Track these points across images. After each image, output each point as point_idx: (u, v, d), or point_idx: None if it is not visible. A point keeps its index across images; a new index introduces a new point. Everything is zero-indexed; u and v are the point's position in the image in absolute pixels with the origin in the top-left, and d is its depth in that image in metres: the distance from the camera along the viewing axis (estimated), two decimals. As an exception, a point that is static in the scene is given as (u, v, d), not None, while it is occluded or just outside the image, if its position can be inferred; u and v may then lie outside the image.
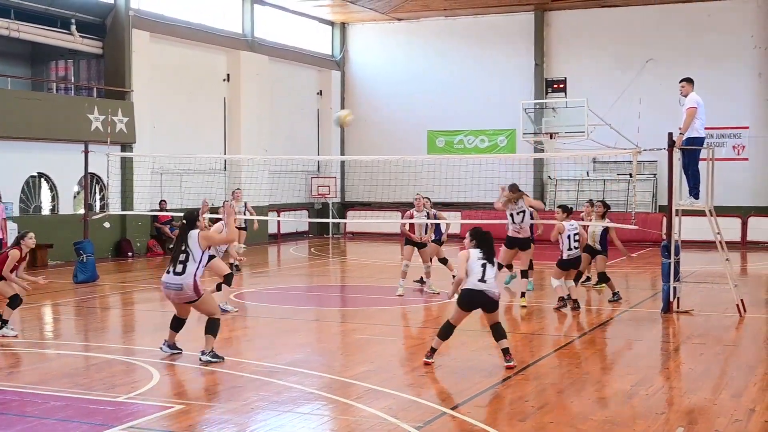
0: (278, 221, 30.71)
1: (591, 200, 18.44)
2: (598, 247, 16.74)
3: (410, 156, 26.56)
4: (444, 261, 17.72)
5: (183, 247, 10.74)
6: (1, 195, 21.27)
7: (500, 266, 14.46)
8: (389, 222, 30.78)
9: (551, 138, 29.48)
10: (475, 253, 10.59)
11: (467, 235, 10.84)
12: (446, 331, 10.66)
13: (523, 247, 16.36)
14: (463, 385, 9.79)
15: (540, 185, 32.24)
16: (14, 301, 12.70)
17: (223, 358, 10.84)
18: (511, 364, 10.41)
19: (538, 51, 32.34)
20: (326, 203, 33.66)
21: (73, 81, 26.28)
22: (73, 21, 24.39)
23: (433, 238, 17.24)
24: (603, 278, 16.58)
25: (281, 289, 18.68)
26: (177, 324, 11.18)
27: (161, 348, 11.22)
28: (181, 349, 11.24)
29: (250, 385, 9.63)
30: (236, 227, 20.99)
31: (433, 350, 10.73)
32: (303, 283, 20.35)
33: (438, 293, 16.67)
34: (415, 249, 16.97)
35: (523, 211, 16.23)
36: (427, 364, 10.62)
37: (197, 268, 10.68)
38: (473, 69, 33.25)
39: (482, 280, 10.42)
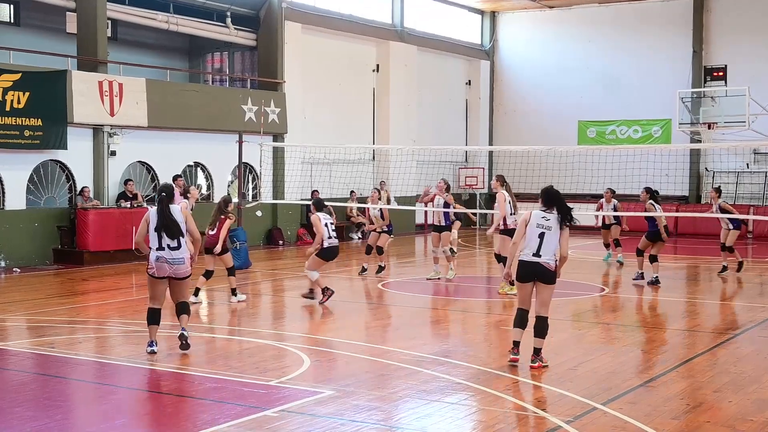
0: (425, 212, 30.76)
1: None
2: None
3: (560, 147, 26.07)
4: (452, 251, 18.41)
5: (173, 220, 10.30)
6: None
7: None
8: (538, 213, 30.40)
9: (709, 128, 28.57)
10: (536, 218, 9.99)
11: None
12: (521, 318, 10.13)
13: None
14: (614, 381, 9.57)
15: (696, 178, 31.18)
16: (210, 274, 14.67)
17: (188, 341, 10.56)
18: (535, 365, 9.90)
19: (696, 37, 31.21)
20: (473, 194, 33.54)
21: (227, 73, 27.07)
22: (228, 14, 25.13)
23: (384, 229, 18.44)
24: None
25: (427, 279, 18.71)
26: (156, 316, 10.55)
27: (150, 350, 10.45)
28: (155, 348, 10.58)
29: (397, 374, 9.70)
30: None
31: (515, 344, 10.10)
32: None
33: (439, 278, 17.67)
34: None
35: None
36: (514, 361, 10.05)
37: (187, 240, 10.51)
38: (626, 57, 32.43)
39: (537, 254, 9.90)
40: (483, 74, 34.84)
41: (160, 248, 10.31)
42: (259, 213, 23.45)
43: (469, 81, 34.70)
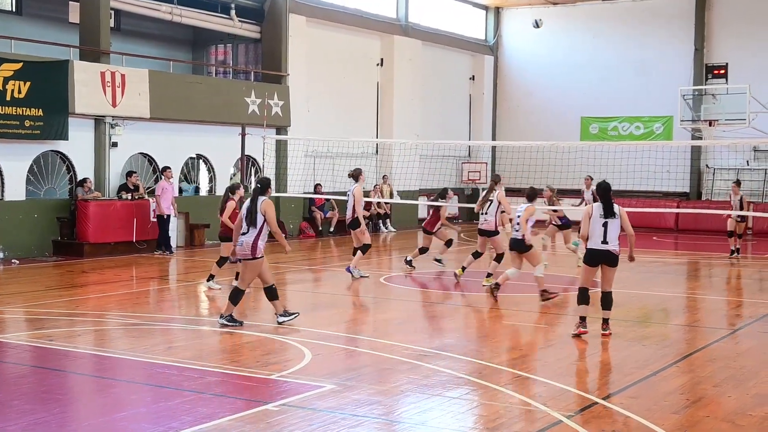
0: (428, 206, 30.76)
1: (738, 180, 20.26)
2: None
3: (563, 142, 26.06)
4: (449, 243, 18.90)
5: (254, 210, 11.53)
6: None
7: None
8: (540, 208, 30.37)
9: (710, 125, 28.62)
10: (597, 210, 11.33)
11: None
12: (583, 296, 11.40)
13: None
14: (615, 376, 9.60)
15: (697, 174, 31.21)
16: (221, 261, 15.02)
17: (242, 323, 11.67)
18: (606, 332, 11.28)
19: (698, 35, 31.20)
20: (476, 188, 33.53)
21: (231, 65, 27.06)
22: (232, 6, 25.12)
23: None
24: None
25: (431, 273, 18.73)
26: (269, 293, 11.89)
27: (278, 321, 11.89)
28: (298, 312, 12.01)
29: (399, 368, 9.71)
30: (555, 225, 21.98)
31: (582, 318, 11.36)
32: (452, 269, 20.34)
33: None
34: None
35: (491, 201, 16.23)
36: (582, 333, 11.23)
37: (260, 231, 11.49)
38: (629, 54, 32.39)
39: (605, 241, 11.23)
40: (487, 69, 34.81)
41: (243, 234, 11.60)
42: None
43: (473, 76, 34.67)
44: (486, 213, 16.18)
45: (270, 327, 11.97)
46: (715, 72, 31.12)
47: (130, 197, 20.64)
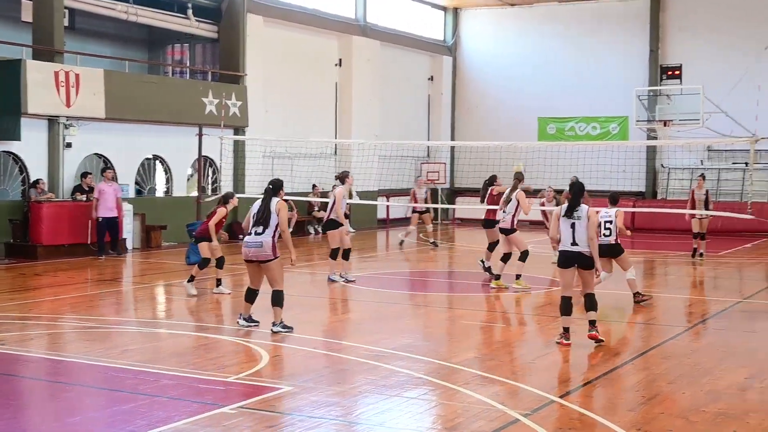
0: (387, 206, 30.81)
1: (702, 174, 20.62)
2: None
3: (520, 142, 26.25)
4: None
5: (267, 210, 11.45)
6: (118, 177, 21.89)
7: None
8: (498, 208, 30.50)
9: (665, 125, 28.97)
10: (564, 211, 11.00)
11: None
12: (565, 305, 10.98)
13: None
14: (571, 374, 9.67)
15: (652, 174, 31.57)
16: (220, 262, 14.81)
17: (293, 328, 11.46)
18: (593, 333, 10.79)
19: (652, 37, 31.54)
20: (435, 189, 33.60)
21: (188, 65, 26.85)
22: (189, 5, 24.93)
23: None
24: None
25: (389, 273, 18.74)
26: (251, 295, 11.72)
27: (238, 322, 11.71)
28: (258, 321, 11.72)
29: (357, 369, 9.69)
30: (418, 212, 22.77)
31: (565, 330, 10.92)
32: (411, 269, 20.39)
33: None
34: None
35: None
36: (566, 344, 10.78)
37: (275, 231, 11.40)
38: (586, 55, 32.66)
39: (574, 243, 10.88)
40: (445, 70, 34.91)
41: (249, 234, 11.48)
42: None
43: (432, 76, 34.74)
44: (505, 212, 15.99)
45: (227, 329, 11.90)
46: (670, 73, 31.49)
47: (84, 199, 20.39)
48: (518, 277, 15.66)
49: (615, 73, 31.84)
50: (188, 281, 14.58)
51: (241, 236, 24.79)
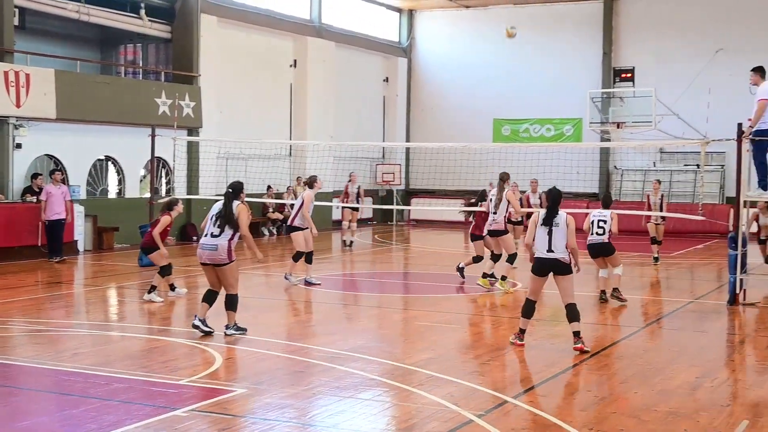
0: (342, 208, 30.74)
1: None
2: None
3: (475, 144, 26.39)
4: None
5: (224, 213, 11.27)
6: (69, 178, 21.61)
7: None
8: (453, 210, 30.63)
9: (618, 128, 29.29)
10: (541, 217, 10.79)
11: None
12: (527, 307, 10.85)
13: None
14: (525, 374, 9.71)
15: (606, 175, 31.87)
16: (165, 270, 14.13)
17: (246, 330, 11.35)
18: (578, 345, 10.51)
19: (606, 40, 31.89)
20: (390, 190, 33.64)
21: (141, 65, 26.59)
22: (142, 5, 24.66)
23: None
24: None
25: (344, 275, 18.71)
26: (210, 296, 11.48)
27: (193, 323, 11.37)
28: (212, 330, 11.33)
29: (311, 371, 9.65)
30: (350, 208, 22.83)
31: (521, 331, 10.87)
32: (366, 270, 20.38)
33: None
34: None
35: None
36: (519, 345, 10.78)
37: (233, 235, 11.22)
38: (540, 58, 32.90)
39: (550, 249, 10.61)
40: (400, 71, 34.96)
41: (205, 236, 11.37)
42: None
43: (387, 78, 34.77)
44: (496, 213, 15.86)
45: (180, 331, 11.78)
46: (623, 76, 31.87)
47: (35, 200, 20.08)
48: (504, 278, 15.62)
49: (569, 75, 32.12)
50: (149, 292, 14.24)
51: (195, 238, 24.71)
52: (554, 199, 10.81)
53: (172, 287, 14.71)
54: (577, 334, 10.63)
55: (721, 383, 9.34)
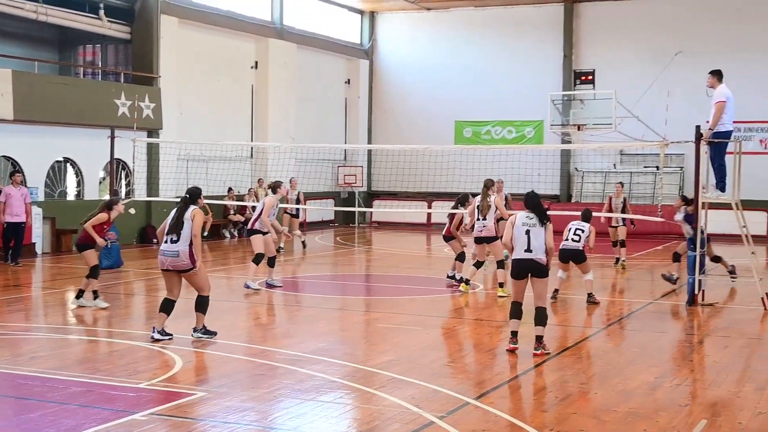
0: (304, 210, 30.69)
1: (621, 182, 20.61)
2: None
3: (437, 146, 26.44)
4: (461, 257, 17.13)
5: (180, 218, 11.13)
6: (27, 179, 21.35)
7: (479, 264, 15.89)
8: (415, 212, 30.71)
9: (579, 129, 29.45)
10: (521, 218, 10.82)
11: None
12: (514, 310, 10.84)
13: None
14: (486, 376, 9.73)
15: (566, 177, 32.09)
16: (94, 271, 13.67)
17: (215, 333, 11.20)
18: (538, 352, 10.51)
19: (566, 42, 32.12)
20: (352, 192, 33.61)
21: (100, 66, 26.34)
22: (101, 5, 24.44)
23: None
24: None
25: (306, 277, 18.66)
26: (167, 306, 11.31)
27: (152, 336, 11.12)
28: (171, 335, 11.22)
29: (272, 373, 9.60)
30: (289, 214, 22.35)
31: (514, 333, 10.78)
32: (328, 272, 20.34)
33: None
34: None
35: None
36: (512, 349, 10.67)
37: (191, 240, 11.05)
38: (502, 60, 33.07)
39: (528, 249, 10.65)
40: (362, 73, 34.95)
41: (164, 242, 11.14)
42: (132, 211, 22.72)
43: (349, 80, 34.75)
44: (485, 219, 15.62)
45: (139, 334, 11.67)
46: (583, 78, 32.12)
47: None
48: (501, 285, 15.42)
49: (530, 77, 32.30)
50: (95, 298, 13.84)
51: (155, 240, 24.53)
52: (533, 203, 10.89)
53: (96, 294, 13.93)
54: (539, 339, 10.64)
55: (680, 383, 9.42)
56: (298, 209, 23.46)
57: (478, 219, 15.59)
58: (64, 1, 23.68)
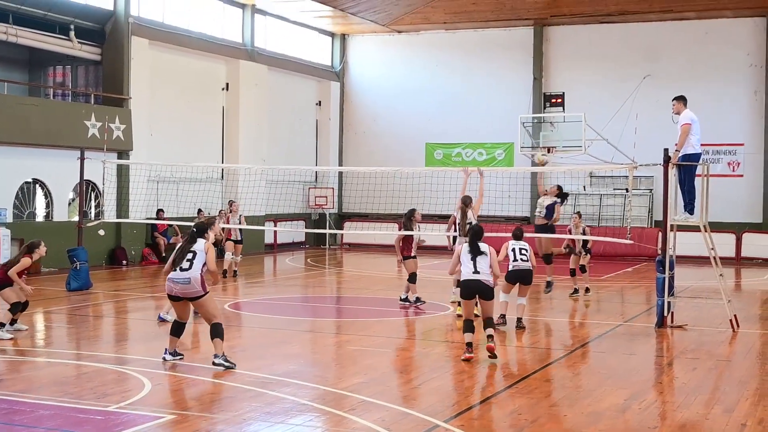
0: (275, 231, 30.65)
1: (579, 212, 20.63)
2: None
3: (407, 168, 26.55)
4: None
5: (191, 248, 11.13)
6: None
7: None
8: (386, 234, 30.68)
9: (549, 152, 29.56)
10: (465, 248, 11.87)
11: None
12: (468, 325, 11.64)
13: None
14: (456, 398, 9.74)
15: (537, 199, 32.15)
16: (15, 307, 13.20)
17: (235, 365, 10.92)
18: (491, 344, 11.50)
19: (536, 65, 32.38)
20: (323, 214, 33.60)
21: (70, 87, 26.23)
22: (71, 27, 24.35)
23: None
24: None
25: (276, 299, 18.61)
26: (177, 329, 11.35)
27: (164, 357, 11.20)
28: (182, 354, 11.35)
29: (242, 396, 9.56)
30: (232, 240, 21.66)
31: (469, 344, 11.51)
32: (298, 294, 20.30)
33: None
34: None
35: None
36: (468, 359, 11.37)
37: (203, 267, 11.04)
38: (472, 82, 33.28)
39: (476, 271, 11.61)
40: (333, 95, 35.03)
41: (174, 271, 11.09)
42: (101, 232, 22.60)
43: (320, 102, 34.81)
44: (466, 236, 15.60)
45: (108, 357, 11.59)
46: (553, 101, 32.33)
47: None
48: (460, 303, 15.46)
49: (500, 100, 32.53)
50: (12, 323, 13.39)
51: (125, 262, 24.40)
52: (476, 235, 11.99)
53: (13, 322, 13.46)
54: (490, 337, 11.60)
55: (649, 405, 9.48)
56: (241, 236, 22.33)
57: (459, 235, 15.59)
58: (34, 22, 23.58)
